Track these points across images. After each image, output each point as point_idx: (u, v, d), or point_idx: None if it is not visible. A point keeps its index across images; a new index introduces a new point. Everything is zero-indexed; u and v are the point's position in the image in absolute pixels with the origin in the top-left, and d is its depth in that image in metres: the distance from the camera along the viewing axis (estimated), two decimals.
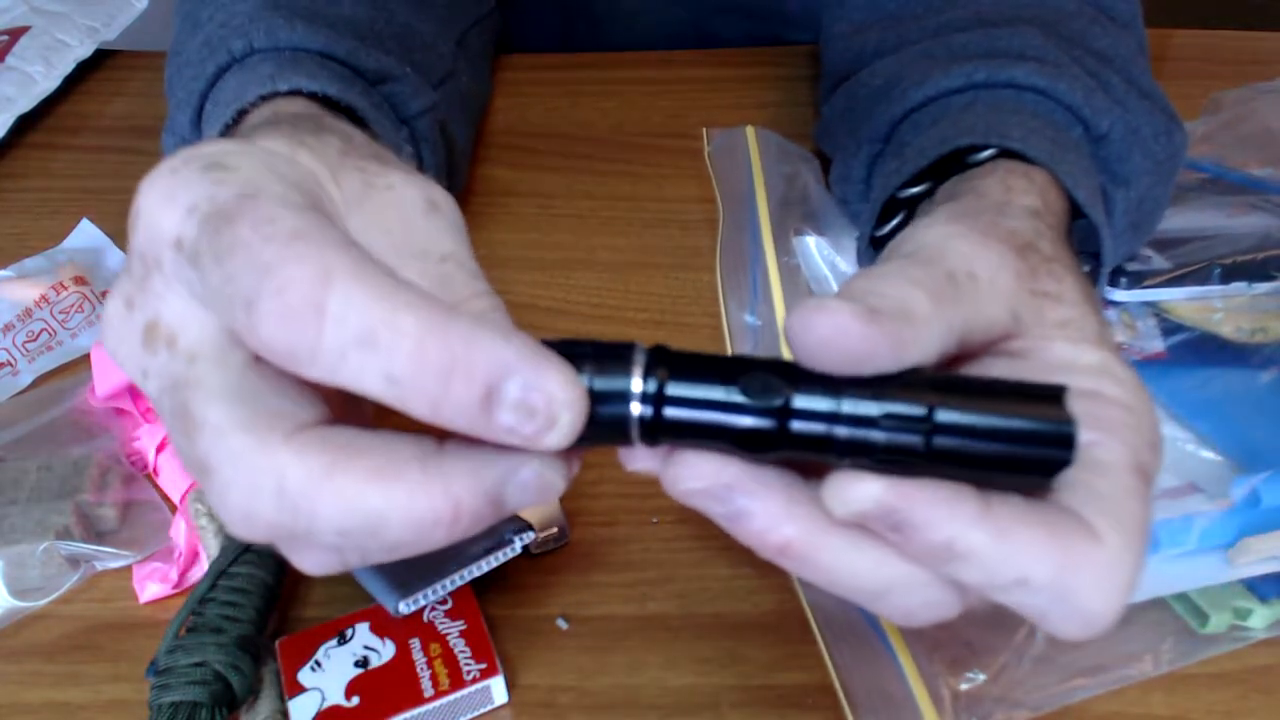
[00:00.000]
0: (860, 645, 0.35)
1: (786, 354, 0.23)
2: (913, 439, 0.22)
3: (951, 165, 0.39)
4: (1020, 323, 0.27)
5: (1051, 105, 0.41)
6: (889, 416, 0.22)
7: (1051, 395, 0.22)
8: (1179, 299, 0.47)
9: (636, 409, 0.22)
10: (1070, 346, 0.27)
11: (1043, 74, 0.41)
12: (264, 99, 0.37)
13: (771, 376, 0.22)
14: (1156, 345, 0.45)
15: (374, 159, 0.28)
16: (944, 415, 0.22)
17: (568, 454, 0.23)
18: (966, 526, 0.22)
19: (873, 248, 0.44)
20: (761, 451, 0.22)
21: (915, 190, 0.41)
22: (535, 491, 0.23)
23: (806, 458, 0.23)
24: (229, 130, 0.37)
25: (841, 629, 0.36)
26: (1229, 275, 0.47)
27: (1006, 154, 0.38)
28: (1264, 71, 0.63)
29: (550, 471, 0.23)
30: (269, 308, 0.21)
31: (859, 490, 0.22)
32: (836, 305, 0.22)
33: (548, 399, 0.21)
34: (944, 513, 0.22)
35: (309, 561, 0.24)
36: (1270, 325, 0.45)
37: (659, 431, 0.23)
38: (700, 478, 0.23)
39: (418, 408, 0.21)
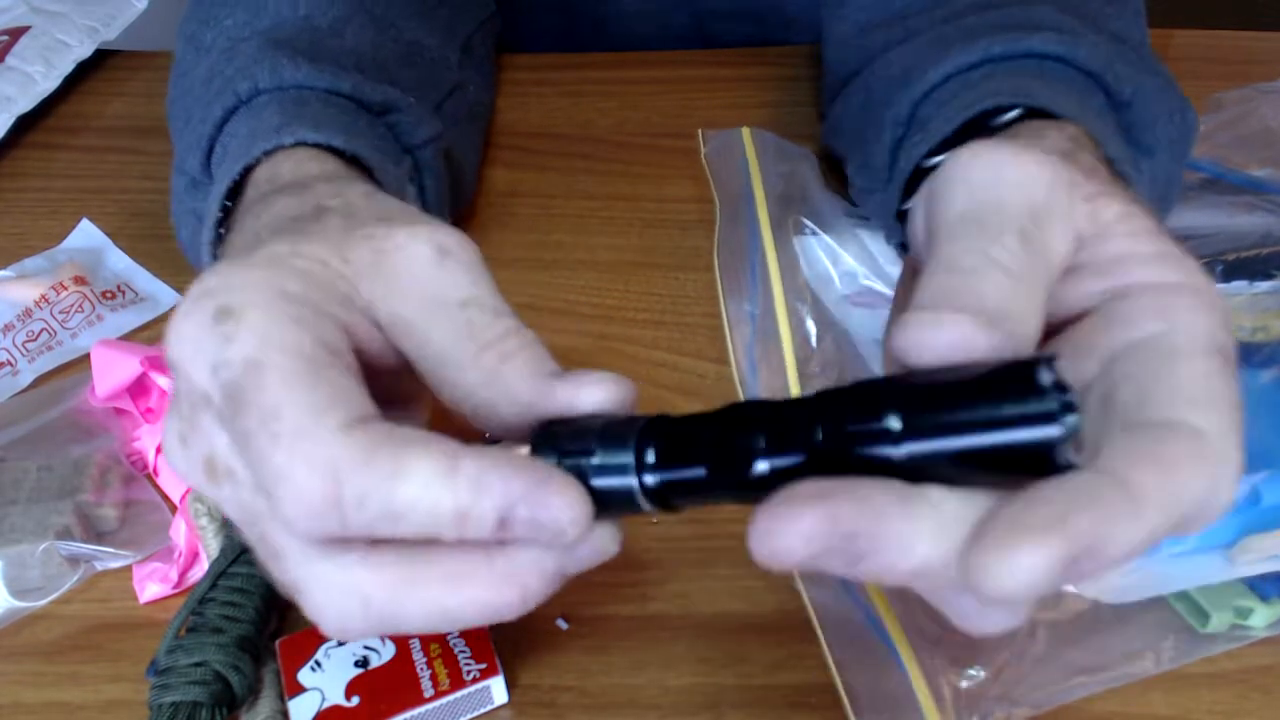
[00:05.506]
0: (861, 644, 0.35)
1: (786, 342, 0.24)
2: (889, 450, 0.22)
3: (978, 134, 0.38)
4: (1081, 239, 0.26)
5: (1072, 73, 0.40)
6: (858, 433, 0.22)
7: (1023, 373, 0.21)
8: None
9: (636, 481, 0.24)
10: (1129, 240, 0.26)
11: (1061, 42, 0.41)
12: (267, 154, 0.37)
13: (753, 424, 0.23)
14: None
15: (377, 221, 0.28)
16: (893, 421, 0.21)
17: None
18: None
19: (899, 222, 0.44)
20: (764, 492, 0.23)
21: (941, 159, 0.40)
22: (592, 560, 0.25)
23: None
24: (239, 185, 0.37)
25: (843, 628, 0.36)
26: (1230, 273, 0.47)
27: (1033, 115, 0.37)
28: (1264, 71, 0.62)
29: (603, 541, 0.25)
30: (291, 510, 0.23)
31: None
32: (954, 318, 0.22)
33: (553, 519, 0.23)
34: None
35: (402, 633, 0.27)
36: (1271, 324, 0.45)
37: (666, 496, 0.24)
38: (813, 538, 0.21)
39: (445, 537, 0.24)
